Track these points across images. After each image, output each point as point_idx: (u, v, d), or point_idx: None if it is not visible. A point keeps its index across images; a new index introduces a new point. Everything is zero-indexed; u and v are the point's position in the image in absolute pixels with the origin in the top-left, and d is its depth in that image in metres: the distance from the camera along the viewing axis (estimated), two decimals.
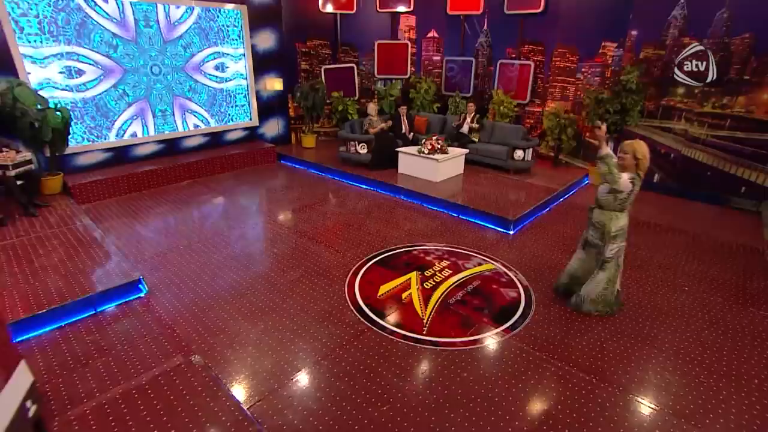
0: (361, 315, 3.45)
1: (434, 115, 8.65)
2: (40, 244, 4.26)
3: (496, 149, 7.36)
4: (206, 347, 3.02)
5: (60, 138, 5.53)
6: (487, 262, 4.39)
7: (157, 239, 4.87)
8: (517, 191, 6.29)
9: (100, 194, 6.11)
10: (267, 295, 3.73)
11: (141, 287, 3.66)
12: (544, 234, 5.13)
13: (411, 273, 4.13)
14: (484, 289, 3.87)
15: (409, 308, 3.56)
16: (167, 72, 7.13)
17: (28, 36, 5.52)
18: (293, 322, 3.34)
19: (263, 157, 8.33)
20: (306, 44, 9.05)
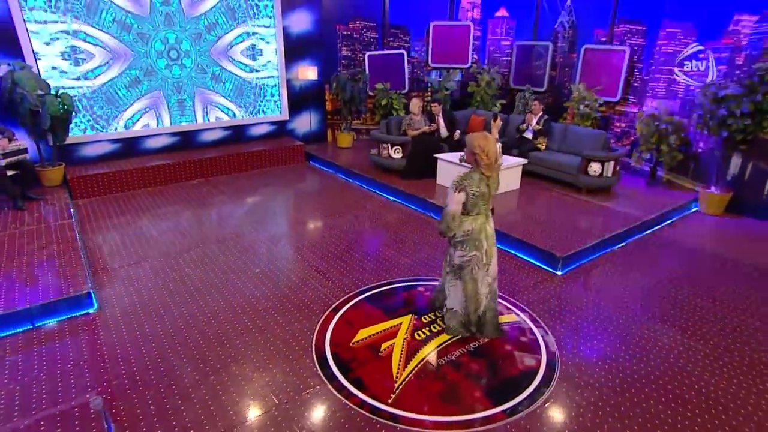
0: (320, 366, 3.17)
1: (489, 114, 8.08)
2: (10, 242, 4.62)
3: (565, 161, 6.62)
4: (126, 387, 2.96)
5: (61, 126, 6.05)
6: (511, 311, 3.85)
7: (136, 246, 5.04)
8: (585, 217, 5.56)
9: (100, 189, 6.58)
10: (224, 328, 3.60)
11: (91, 302, 3.77)
12: (608, 279, 4.41)
13: (405, 316, 3.75)
14: (491, 350, 3.36)
15: (384, 365, 3.19)
16: (188, 56, 7.53)
17: (33, 11, 6.14)
18: (240, 366, 3.16)
19: (289, 156, 8.43)
20: (348, 26, 9.05)
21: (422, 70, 9.48)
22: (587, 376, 3.09)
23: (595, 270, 4.62)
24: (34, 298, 3.62)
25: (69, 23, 6.36)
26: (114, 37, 6.78)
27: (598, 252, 4.94)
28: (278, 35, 8.27)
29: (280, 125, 8.88)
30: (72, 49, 6.49)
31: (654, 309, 3.89)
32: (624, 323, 3.69)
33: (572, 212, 5.71)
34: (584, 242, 4.82)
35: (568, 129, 7.06)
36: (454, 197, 3.10)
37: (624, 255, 4.96)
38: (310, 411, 2.79)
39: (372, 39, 9.25)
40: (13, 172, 5.58)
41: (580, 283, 4.35)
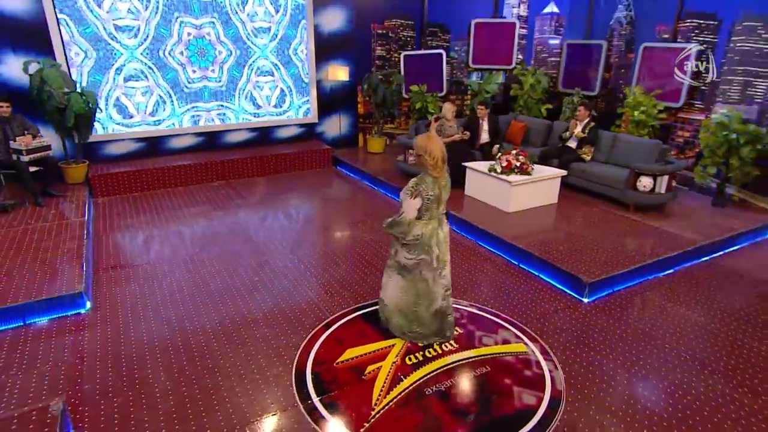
0: (297, 385, 3.12)
1: (537, 121, 7.80)
2: (21, 237, 4.96)
3: (612, 173, 6.24)
4: (96, 392, 3.05)
5: (84, 124, 6.47)
6: (520, 340, 3.63)
7: (143, 248, 5.27)
8: (627, 238, 5.19)
9: (120, 188, 6.96)
10: (208, 336, 3.64)
11: (83, 302, 3.96)
12: (644, 312, 4.06)
13: (397, 338, 3.64)
14: (489, 383, 3.17)
15: (365, 389, 3.09)
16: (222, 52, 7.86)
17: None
18: (214, 379, 3.18)
19: (316, 160, 8.56)
20: (383, 25, 9.10)
21: (462, 72, 9.34)
22: (595, 425, 2.84)
23: (630, 300, 4.28)
24: (27, 294, 3.85)
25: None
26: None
27: (638, 279, 4.58)
28: (309, 34, 8.44)
29: (308, 128, 9.04)
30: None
31: (698, 351, 3.53)
32: (655, 365, 3.37)
33: (613, 231, 5.35)
34: (620, 267, 4.49)
35: (617, 138, 6.65)
36: (411, 204, 3.15)
37: (671, 284, 4.57)
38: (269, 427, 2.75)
39: (409, 38, 9.24)
40: (36, 169, 6.02)
41: (609, 313, 4.04)
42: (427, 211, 3.21)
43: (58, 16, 6.59)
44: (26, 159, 5.81)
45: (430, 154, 3.11)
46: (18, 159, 5.79)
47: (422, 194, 3.13)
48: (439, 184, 3.17)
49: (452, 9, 9.08)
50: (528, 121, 7.83)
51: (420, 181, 3.15)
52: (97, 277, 4.55)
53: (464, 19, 8.96)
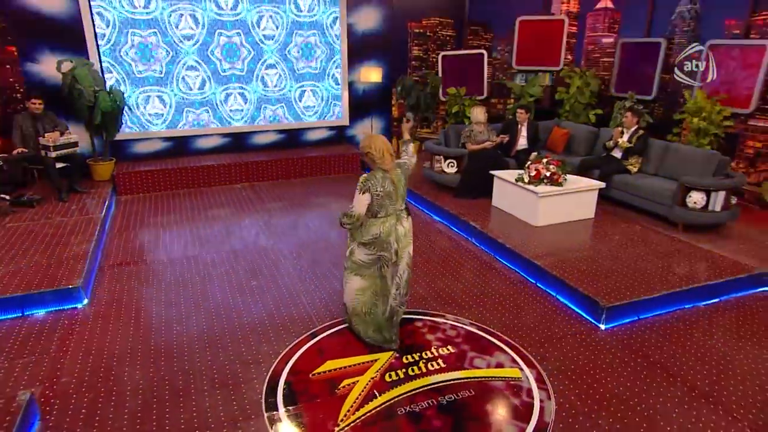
0: (267, 395, 3.19)
1: (581, 127, 7.53)
2: (39, 231, 5.39)
3: (657, 187, 5.91)
4: (71, 387, 3.25)
5: (111, 122, 6.97)
6: (517, 365, 3.50)
7: (152, 246, 5.58)
8: (667, 259, 4.87)
9: (144, 186, 7.41)
10: (191, 338, 3.79)
11: (80, 297, 4.25)
12: (669, 344, 3.79)
13: (386, 353, 3.63)
14: (468, 408, 3.09)
15: (335, 404, 3.10)
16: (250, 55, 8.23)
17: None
18: (186, 383, 3.30)
19: (343, 164, 8.71)
20: (421, 23, 9.15)
21: (505, 74, 9.20)
22: None
23: (657, 330, 4.01)
24: (29, 286, 4.19)
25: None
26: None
27: (670, 307, 4.29)
28: (342, 33, 8.65)
29: (339, 131, 9.22)
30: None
31: (736, 401, 3.24)
32: (669, 407, 3.14)
33: (651, 252, 5.05)
34: (649, 291, 4.24)
35: (669, 148, 6.29)
36: (359, 199, 3.33)
37: (713, 316, 4.24)
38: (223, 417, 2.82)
39: (448, 37, 9.24)
40: (63, 165, 6.55)
41: (627, 344, 3.81)
42: (381, 208, 3.37)
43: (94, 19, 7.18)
44: (53, 155, 6.34)
45: (375, 149, 3.32)
46: (46, 155, 6.33)
47: (371, 190, 3.29)
48: (392, 179, 3.35)
49: (496, 6, 8.99)
50: (571, 127, 7.57)
51: (369, 177, 3.32)
52: (101, 273, 4.87)
53: (509, 17, 8.84)
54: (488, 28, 9.16)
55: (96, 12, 7.18)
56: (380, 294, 3.60)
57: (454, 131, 7.31)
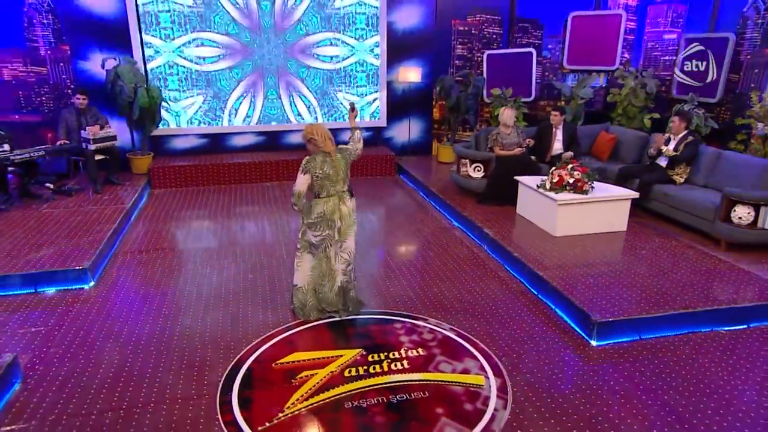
0: (227, 379, 3.52)
1: (630, 133, 7.34)
2: (68, 217, 6.14)
3: (699, 200, 5.67)
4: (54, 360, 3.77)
5: (149, 118, 7.75)
6: (483, 373, 3.59)
7: (169, 238, 6.18)
8: (697, 278, 4.68)
9: (177, 181, 8.13)
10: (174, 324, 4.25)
11: (87, 279, 4.85)
12: (672, 371, 3.68)
13: (352, 350, 3.86)
14: (416, 408, 3.24)
15: (287, 393, 3.36)
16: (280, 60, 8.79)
17: (163, 30, 8.05)
18: (158, 359, 3.72)
19: (378, 167, 9.03)
20: (465, 21, 9.30)
21: (556, 74, 9.11)
22: None
23: (657, 352, 3.91)
24: (43, 266, 4.85)
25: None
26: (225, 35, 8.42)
27: (684, 328, 4.16)
28: (381, 32, 8.99)
29: (376, 132, 9.55)
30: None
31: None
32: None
33: (679, 269, 4.88)
34: (657, 309, 4.15)
35: (722, 156, 6.01)
36: (300, 179, 3.90)
37: (733, 344, 4.05)
38: (180, 416, 3.17)
39: (495, 35, 9.30)
40: (102, 157, 7.38)
41: (617, 364, 3.76)
42: (322, 189, 3.95)
43: (140, 23, 8.03)
44: (92, 148, 7.16)
45: (317, 134, 3.88)
46: (86, 147, 7.17)
47: (311, 171, 3.87)
48: (333, 162, 3.91)
49: (548, 1, 8.95)
50: (619, 132, 7.39)
51: (310, 160, 3.90)
52: (114, 259, 5.49)
53: (560, 13, 8.77)
54: (538, 25, 9.12)
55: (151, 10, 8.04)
56: (326, 275, 4.15)
57: (486, 134, 7.38)
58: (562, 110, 7.05)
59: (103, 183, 7.39)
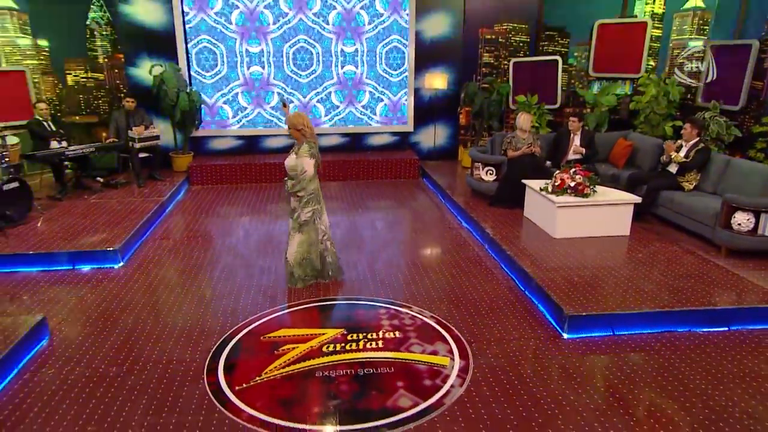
0: (218, 348, 3.97)
1: (648, 140, 7.34)
2: (112, 206, 6.86)
3: (701, 206, 5.68)
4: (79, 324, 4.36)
5: (189, 120, 8.46)
6: (450, 356, 3.86)
7: (195, 228, 6.79)
8: (685, 281, 4.75)
9: (212, 179, 8.79)
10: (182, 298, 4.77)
11: (116, 259, 5.47)
12: (628, 364, 3.82)
13: (335, 329, 4.22)
14: (379, 380, 3.56)
15: (267, 361, 3.75)
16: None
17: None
18: (161, 328, 4.23)
19: (402, 170, 9.38)
20: (492, 29, 9.52)
21: (582, 81, 9.16)
22: None
23: (626, 348, 4.03)
24: (81, 246, 5.52)
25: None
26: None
27: (660, 327, 4.25)
28: (410, 40, 9.37)
29: (402, 136, 9.92)
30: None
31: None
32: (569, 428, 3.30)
33: (671, 272, 4.95)
34: (634, 307, 4.28)
35: (731, 164, 5.97)
36: (310, 163, 4.56)
37: (706, 345, 4.09)
38: (171, 375, 3.64)
39: (521, 43, 9.47)
40: (146, 155, 8.14)
41: (583, 358, 3.91)
42: (315, 170, 4.64)
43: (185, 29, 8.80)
44: (137, 146, 7.92)
45: (306, 125, 4.53)
46: (131, 146, 7.94)
47: (315, 156, 4.56)
48: (317, 147, 4.62)
49: (574, 9, 9.03)
50: (637, 140, 7.41)
51: (311, 147, 4.55)
52: (144, 243, 6.12)
53: (587, 21, 8.84)
54: (565, 33, 9.22)
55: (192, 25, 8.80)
56: (313, 243, 4.81)
57: (502, 139, 7.58)
58: (580, 116, 7.16)
59: (146, 178, 8.14)
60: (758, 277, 4.97)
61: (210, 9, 8.80)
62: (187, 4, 8.68)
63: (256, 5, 8.88)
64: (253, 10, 8.90)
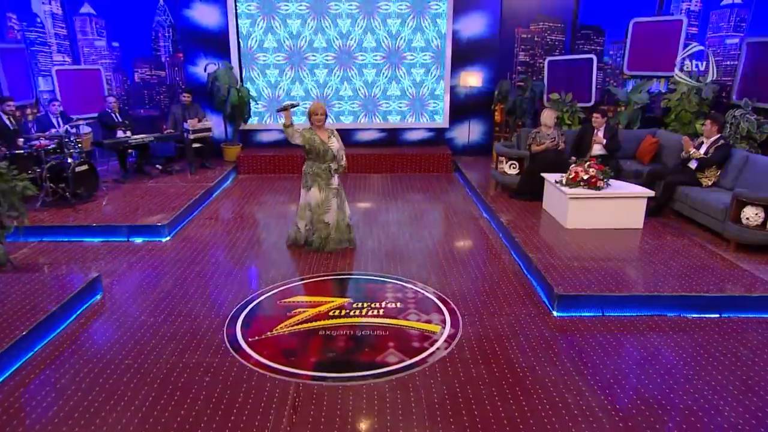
0: (242, 306, 4.54)
1: (673, 137, 7.36)
2: (166, 189, 7.65)
3: (713, 201, 5.74)
4: (128, 283, 5.06)
5: (239, 114, 9.19)
6: (443, 325, 4.24)
7: (234, 212, 7.49)
8: (685, 270, 4.90)
9: (257, 168, 9.49)
10: (220, 266, 5.40)
11: (164, 233, 6.20)
12: (607, 344, 4.07)
13: (345, 299, 4.70)
14: (372, 340, 4.01)
15: (279, 320, 4.29)
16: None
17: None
18: (197, 289, 4.85)
19: (435, 164, 9.75)
20: (528, 29, 9.70)
21: (617, 79, 9.19)
22: (408, 402, 3.44)
23: (610, 328, 4.27)
24: (135, 221, 6.29)
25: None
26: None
27: (649, 310, 4.46)
28: (447, 39, 9.73)
29: (437, 133, 10.29)
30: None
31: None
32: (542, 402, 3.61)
33: (674, 262, 5.10)
34: (625, 290, 4.51)
35: (749, 160, 5.98)
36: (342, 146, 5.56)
37: (694, 330, 4.27)
38: (197, 327, 4.24)
39: (557, 42, 9.60)
40: (198, 145, 8.94)
41: (565, 332, 4.21)
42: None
43: (238, 31, 9.55)
44: (191, 137, 8.73)
45: (313, 111, 5.42)
46: (186, 136, 8.76)
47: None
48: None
49: (610, 8, 9.08)
50: (663, 137, 7.45)
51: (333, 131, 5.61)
52: (190, 222, 6.84)
53: (622, 19, 8.88)
54: (600, 32, 9.28)
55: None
56: (341, 209, 5.79)
57: (525, 135, 7.82)
58: (604, 113, 7.30)
59: (199, 166, 8.94)
60: (760, 269, 5.02)
61: (265, 14, 9.52)
62: (242, 7, 9.43)
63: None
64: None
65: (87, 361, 3.72)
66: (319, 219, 5.61)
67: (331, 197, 5.62)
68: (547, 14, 9.58)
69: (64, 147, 6.84)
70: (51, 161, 6.76)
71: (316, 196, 5.56)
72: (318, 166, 5.55)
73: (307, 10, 9.54)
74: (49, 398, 3.29)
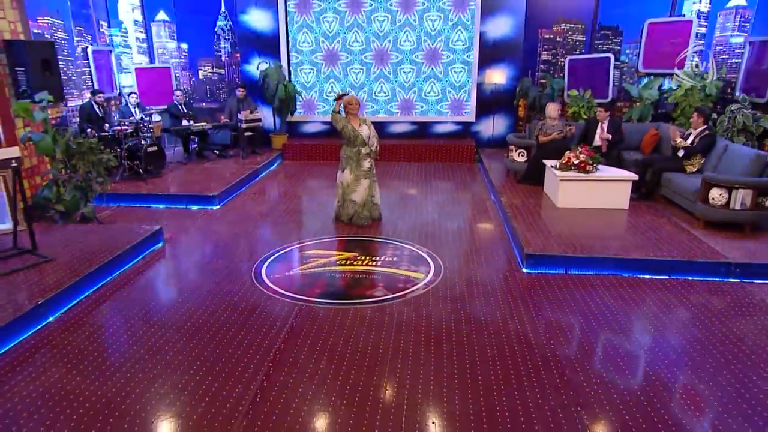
0: (270, 254, 5.65)
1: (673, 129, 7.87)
2: (219, 170, 8.95)
3: (686, 184, 6.33)
4: (181, 236, 6.29)
5: (285, 107, 10.41)
6: (426, 273, 5.18)
7: (277, 191, 8.68)
8: (649, 240, 5.58)
9: (300, 155, 10.68)
10: (261, 225, 6.54)
11: (215, 203, 7.43)
12: (563, 296, 4.86)
13: (352, 252, 5.70)
14: (365, 279, 5.01)
15: (296, 264, 5.38)
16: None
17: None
18: (242, 240, 6.01)
19: (460, 155, 10.60)
20: (551, 30, 10.36)
21: (633, 77, 9.68)
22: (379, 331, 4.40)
23: (568, 284, 5.01)
24: (193, 191, 7.58)
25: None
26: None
27: (607, 270, 5.18)
28: (474, 40, 10.55)
29: (465, 126, 11.12)
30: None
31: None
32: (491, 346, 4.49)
33: (640, 233, 5.78)
34: (589, 252, 5.25)
35: (728, 149, 6.51)
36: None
37: (645, 287, 4.98)
38: (233, 267, 5.37)
39: (578, 42, 10.19)
40: (249, 134, 10.21)
41: (529, 285, 5.01)
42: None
43: (288, 33, 10.77)
44: (243, 126, 10.02)
45: (349, 102, 6.28)
46: (239, 126, 10.06)
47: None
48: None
49: (628, 9, 9.60)
50: (663, 129, 7.98)
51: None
52: (238, 195, 8.08)
53: (639, 20, 9.39)
54: (618, 32, 9.80)
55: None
56: (370, 188, 6.55)
57: (533, 127, 8.56)
58: (607, 107, 7.94)
59: (250, 152, 10.23)
60: (718, 242, 5.58)
61: (309, 15, 10.70)
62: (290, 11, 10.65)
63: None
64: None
65: (146, 285, 4.94)
66: (348, 197, 6.52)
67: (361, 178, 6.45)
68: (569, 16, 10.20)
69: (139, 132, 8.25)
70: (128, 143, 8.18)
71: (347, 177, 6.45)
72: (350, 149, 6.39)
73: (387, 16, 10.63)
74: (116, 309, 4.53)
